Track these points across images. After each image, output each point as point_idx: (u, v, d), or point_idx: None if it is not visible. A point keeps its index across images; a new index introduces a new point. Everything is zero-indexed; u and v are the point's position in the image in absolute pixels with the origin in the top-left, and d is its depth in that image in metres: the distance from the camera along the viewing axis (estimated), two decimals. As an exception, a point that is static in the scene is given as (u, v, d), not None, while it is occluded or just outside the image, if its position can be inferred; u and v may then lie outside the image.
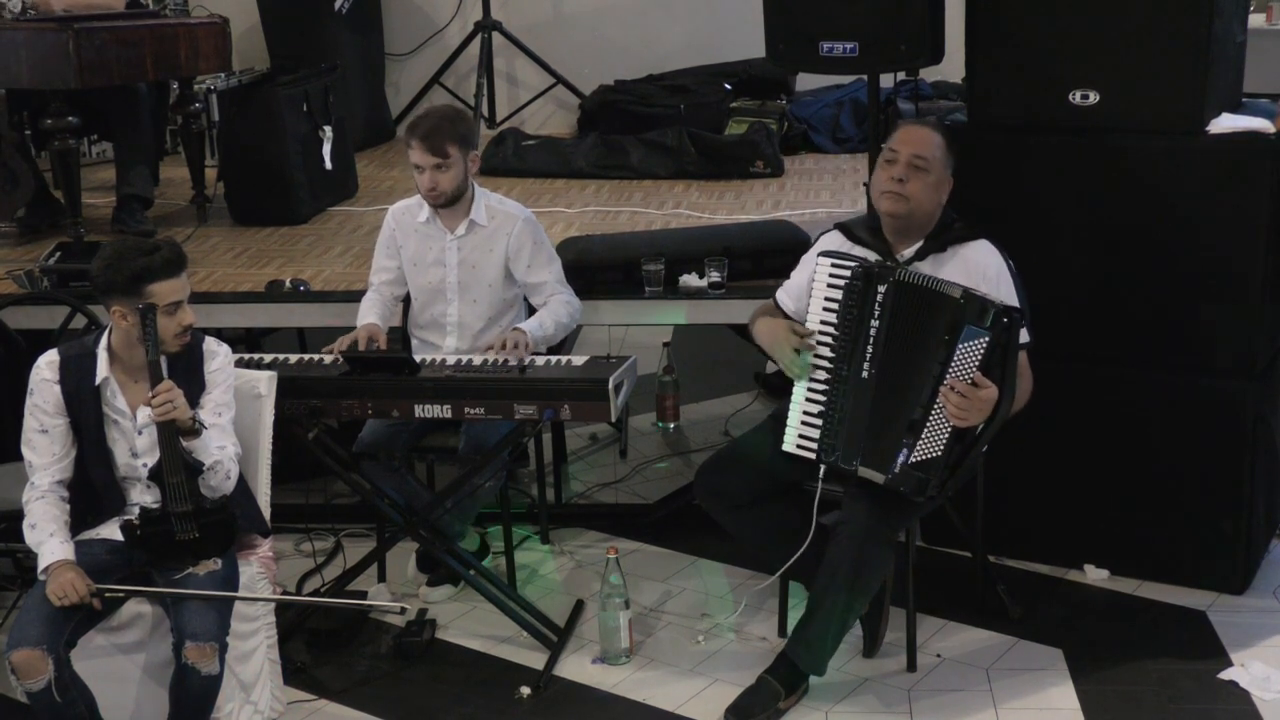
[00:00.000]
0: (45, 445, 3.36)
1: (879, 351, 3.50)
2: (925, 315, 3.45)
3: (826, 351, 3.59)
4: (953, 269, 3.59)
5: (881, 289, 3.50)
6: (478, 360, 3.82)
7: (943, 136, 3.66)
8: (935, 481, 3.43)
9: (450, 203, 4.02)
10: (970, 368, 3.37)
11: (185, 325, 3.32)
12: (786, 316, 3.77)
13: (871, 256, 3.62)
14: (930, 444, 3.42)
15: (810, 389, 3.60)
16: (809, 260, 3.75)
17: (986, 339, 3.36)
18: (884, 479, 3.48)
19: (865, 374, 3.52)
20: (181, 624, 3.21)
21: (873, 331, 3.50)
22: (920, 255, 3.63)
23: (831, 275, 3.59)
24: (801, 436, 3.60)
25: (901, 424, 3.45)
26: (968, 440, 3.43)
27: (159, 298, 3.26)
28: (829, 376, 3.57)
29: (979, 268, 3.59)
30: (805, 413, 3.60)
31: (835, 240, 3.75)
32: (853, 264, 3.57)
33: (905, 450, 3.44)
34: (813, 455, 3.58)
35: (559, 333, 4.05)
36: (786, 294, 3.82)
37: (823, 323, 3.60)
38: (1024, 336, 3.52)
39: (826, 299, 3.59)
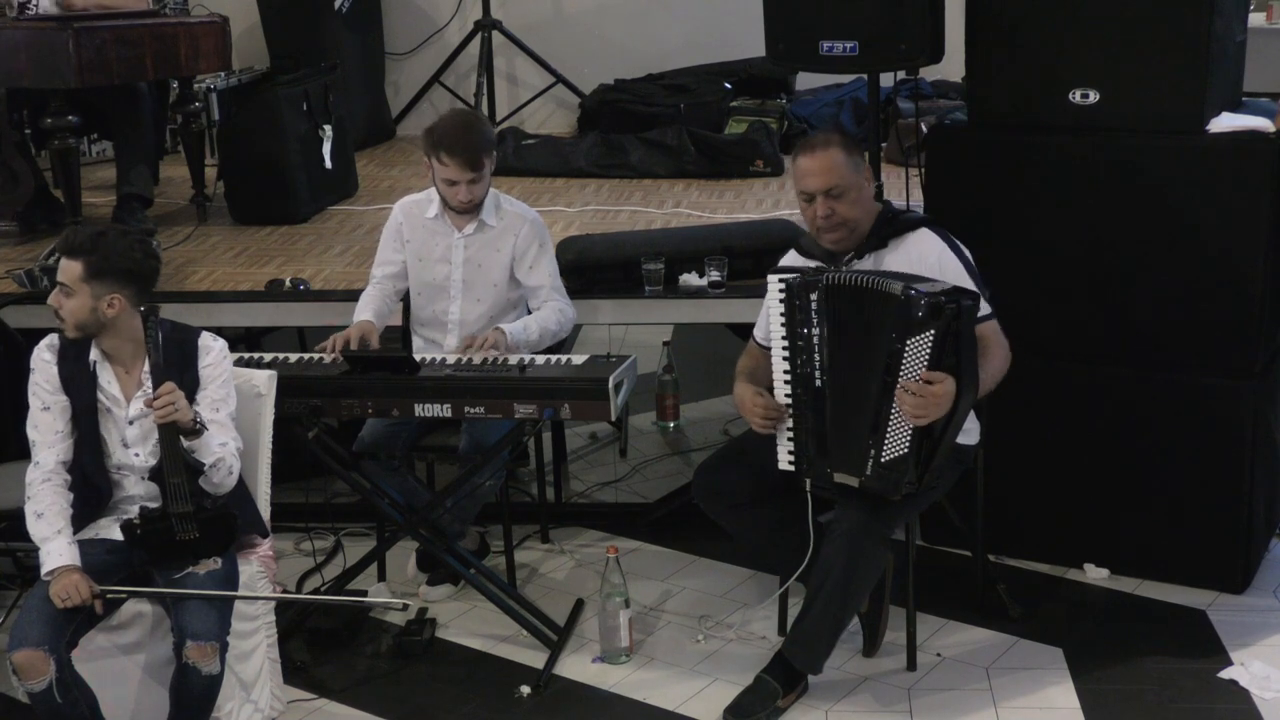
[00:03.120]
0: (48, 422, 3.37)
1: (824, 358, 3.47)
2: (867, 315, 3.41)
3: (786, 366, 3.56)
4: (894, 261, 3.58)
5: (814, 296, 3.46)
6: (478, 359, 3.83)
7: (840, 149, 3.58)
8: (909, 478, 3.40)
9: (479, 208, 4.04)
10: (920, 364, 3.30)
11: (55, 307, 3.37)
12: (763, 349, 3.74)
13: (813, 265, 3.61)
14: (895, 443, 3.39)
15: (788, 407, 3.59)
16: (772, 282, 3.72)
17: (932, 333, 3.29)
18: (859, 482, 3.46)
19: (819, 383, 3.49)
20: (182, 623, 3.22)
21: (816, 340, 3.48)
22: (859, 255, 3.62)
23: (779, 290, 3.55)
24: (789, 453, 3.60)
25: (863, 427, 3.42)
26: (935, 433, 3.38)
27: (61, 275, 3.33)
28: (792, 392, 3.55)
29: (919, 256, 3.58)
30: (788, 428, 3.59)
31: (790, 258, 3.75)
32: (791, 275, 3.53)
33: (873, 452, 3.42)
34: (792, 468, 3.58)
35: (544, 340, 4.03)
36: (758, 326, 3.82)
37: (781, 340, 3.56)
38: (984, 309, 3.48)
39: (779, 315, 3.55)
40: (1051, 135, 4.01)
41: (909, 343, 3.31)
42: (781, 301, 3.54)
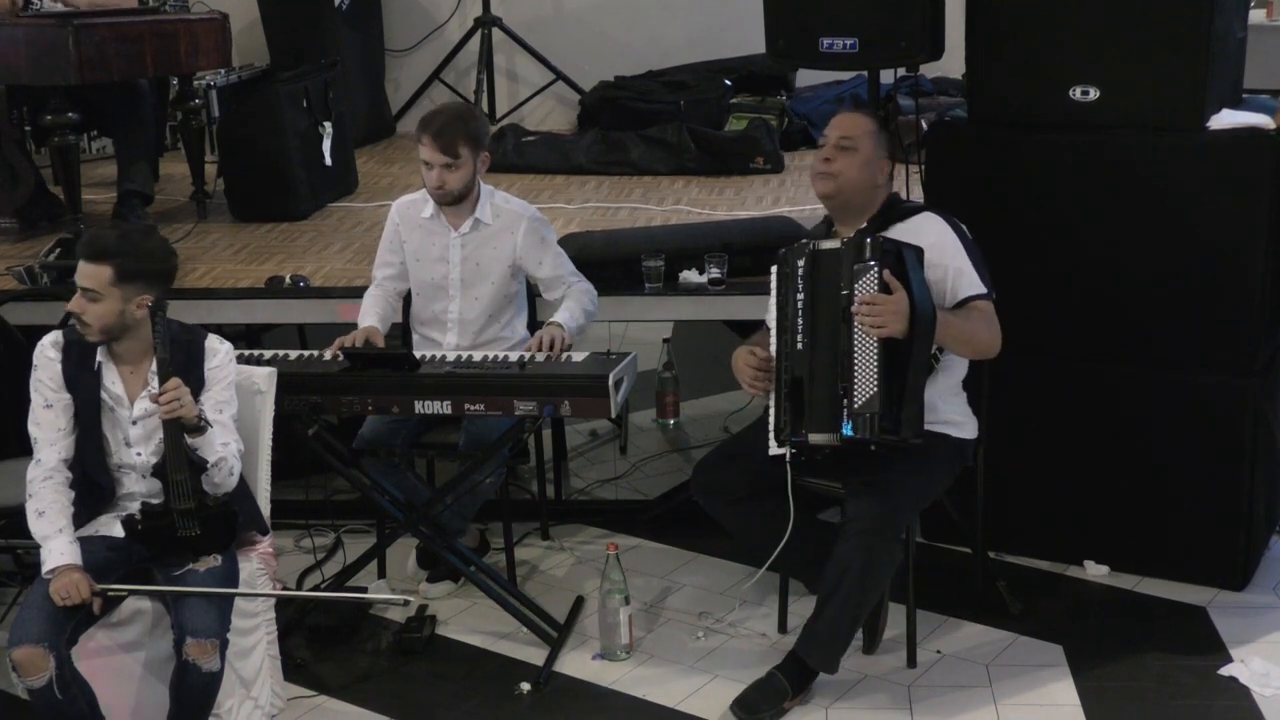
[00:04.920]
0: (50, 420, 3.37)
1: (807, 322, 3.51)
2: (831, 275, 3.48)
3: (775, 340, 3.57)
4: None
5: (800, 263, 3.52)
6: (478, 356, 3.83)
7: (872, 120, 3.76)
8: (887, 416, 3.37)
9: (456, 201, 4.01)
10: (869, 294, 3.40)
11: (68, 310, 3.34)
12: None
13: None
14: (864, 381, 3.38)
15: (776, 382, 3.58)
16: None
17: (874, 268, 3.38)
18: (836, 438, 3.44)
19: (800, 345, 3.51)
20: (182, 620, 3.21)
21: (799, 306, 3.52)
22: (864, 234, 3.61)
23: (775, 270, 3.62)
24: (771, 431, 3.57)
25: (834, 378, 3.44)
26: (902, 364, 3.40)
27: (79, 279, 3.30)
28: (777, 362, 3.56)
29: (916, 235, 3.60)
30: (767, 403, 3.61)
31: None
32: (783, 251, 3.61)
33: (845, 401, 3.41)
34: (777, 444, 3.55)
35: (588, 321, 4.06)
36: (767, 312, 3.81)
37: (774, 314, 3.60)
38: (980, 287, 3.56)
39: (775, 291, 3.60)
40: (1051, 132, 4.01)
41: (857, 285, 3.40)
42: (776, 277, 3.60)
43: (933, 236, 3.61)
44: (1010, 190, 4.08)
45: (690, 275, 4.45)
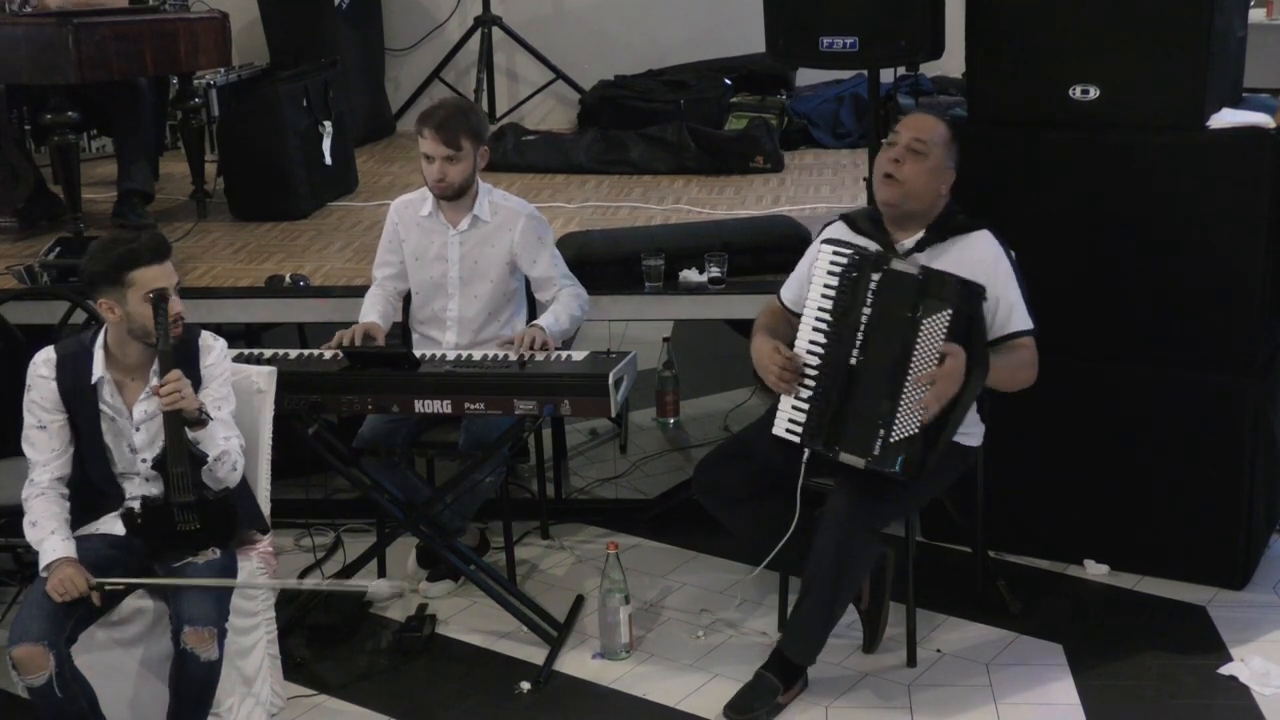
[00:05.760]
0: (44, 441, 3.36)
1: (867, 340, 3.50)
2: (898, 298, 3.47)
3: (820, 338, 3.58)
4: (950, 260, 3.58)
5: (875, 276, 3.51)
6: (478, 355, 3.83)
7: (947, 127, 3.68)
8: (916, 459, 3.41)
9: (456, 195, 4.01)
10: (937, 339, 3.38)
11: (174, 315, 3.32)
12: (789, 311, 3.77)
13: (872, 246, 3.63)
14: (905, 420, 3.41)
15: (806, 376, 3.60)
16: (812, 250, 3.77)
17: (949, 311, 3.37)
18: (864, 463, 3.47)
19: (854, 361, 3.51)
20: (180, 610, 3.21)
21: (863, 320, 3.51)
22: (920, 246, 3.63)
23: (831, 262, 3.60)
24: (790, 420, 3.60)
25: (879, 406, 3.45)
26: (944, 414, 3.41)
27: (143, 285, 3.24)
28: (820, 363, 3.57)
29: (976, 258, 3.59)
30: (797, 398, 3.60)
31: (839, 230, 3.77)
32: (850, 251, 3.58)
33: (882, 431, 3.44)
34: (797, 439, 3.58)
35: (573, 326, 4.05)
36: (788, 290, 3.82)
37: (820, 309, 3.60)
38: (1027, 323, 3.56)
39: (825, 285, 3.59)
40: (1052, 131, 4.01)
41: (926, 321, 3.38)
42: (835, 274, 3.57)
43: (988, 260, 3.59)
44: (1010, 189, 4.07)
45: (690, 274, 4.45)
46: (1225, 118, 3.89)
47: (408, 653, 3.94)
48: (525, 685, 3.74)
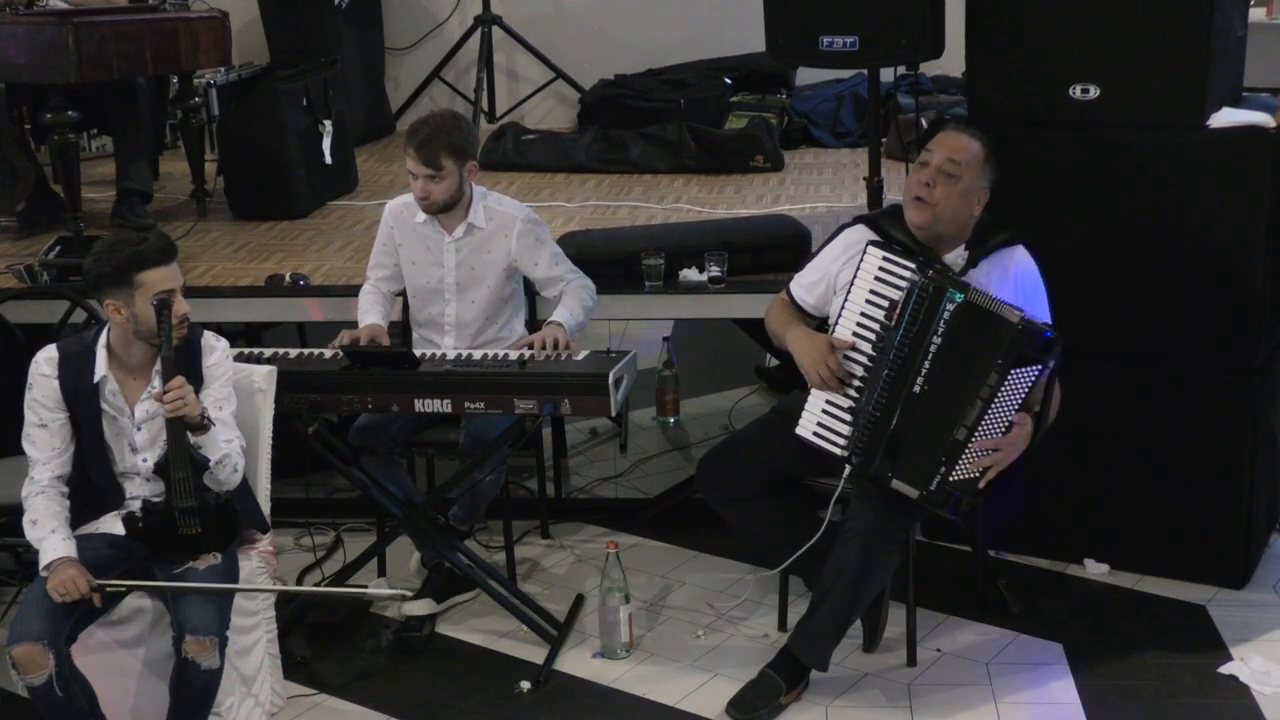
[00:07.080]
0: (45, 440, 3.36)
1: (935, 368, 3.41)
2: (982, 336, 3.35)
3: (867, 348, 3.51)
4: (998, 277, 3.55)
5: (950, 306, 3.38)
6: (478, 355, 3.82)
7: (982, 146, 3.58)
8: (966, 501, 3.42)
9: (442, 210, 3.99)
10: (1019, 394, 3.33)
11: (180, 316, 3.32)
12: (803, 311, 3.74)
13: (919, 265, 3.51)
14: (967, 465, 3.39)
15: (850, 387, 3.53)
16: (835, 251, 3.69)
17: (1039, 370, 3.33)
18: (918, 494, 3.43)
19: (918, 389, 3.42)
20: (181, 618, 3.21)
21: (933, 348, 3.40)
22: (972, 263, 3.55)
23: (882, 269, 3.48)
24: (823, 427, 3.55)
25: (944, 443, 3.38)
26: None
27: (150, 286, 3.24)
28: (868, 376, 3.50)
29: (1021, 277, 3.56)
30: (831, 404, 3.54)
31: (862, 232, 3.67)
32: (912, 267, 3.45)
33: (943, 469, 3.39)
34: (838, 451, 3.53)
35: (587, 318, 4.03)
36: (804, 289, 3.75)
37: (864, 314, 3.51)
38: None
39: (873, 292, 3.49)
40: (1052, 131, 4.01)
41: (1015, 371, 3.31)
42: (896, 286, 3.45)
43: (1029, 281, 3.56)
44: (1010, 189, 4.06)
45: (690, 273, 4.45)
46: (1225, 117, 3.89)
47: (408, 652, 3.94)
48: (525, 685, 3.74)
